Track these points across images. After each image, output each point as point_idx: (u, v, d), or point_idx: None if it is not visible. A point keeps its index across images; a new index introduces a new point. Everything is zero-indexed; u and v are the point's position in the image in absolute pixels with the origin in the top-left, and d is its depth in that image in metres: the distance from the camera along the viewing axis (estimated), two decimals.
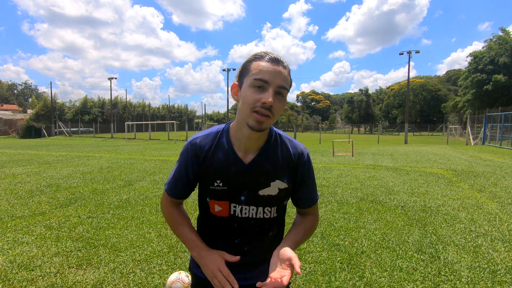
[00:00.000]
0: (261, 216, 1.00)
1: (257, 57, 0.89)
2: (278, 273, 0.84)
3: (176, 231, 1.03)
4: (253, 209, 0.99)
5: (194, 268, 1.08)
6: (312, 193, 1.05)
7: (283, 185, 0.98)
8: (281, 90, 0.87)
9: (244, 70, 0.90)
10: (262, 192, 0.97)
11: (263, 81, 0.85)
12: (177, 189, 1.02)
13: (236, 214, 0.99)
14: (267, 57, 0.88)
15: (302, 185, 1.02)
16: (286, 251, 0.88)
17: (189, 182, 1.01)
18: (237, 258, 0.95)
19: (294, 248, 0.94)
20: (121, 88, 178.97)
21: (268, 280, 0.83)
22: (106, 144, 20.71)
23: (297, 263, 0.84)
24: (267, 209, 1.00)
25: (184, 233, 1.01)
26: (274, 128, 1.03)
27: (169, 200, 1.05)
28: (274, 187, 0.98)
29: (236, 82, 0.94)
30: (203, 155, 0.97)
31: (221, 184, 0.96)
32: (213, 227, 1.04)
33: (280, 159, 0.98)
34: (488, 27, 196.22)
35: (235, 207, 0.98)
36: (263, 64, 0.86)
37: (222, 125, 1.02)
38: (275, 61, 0.87)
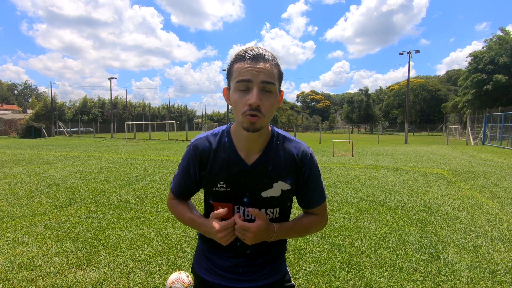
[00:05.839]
0: None
1: (238, 58, 0.87)
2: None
3: (184, 220, 1.03)
4: None
5: (197, 270, 1.08)
6: (317, 194, 1.03)
7: (286, 186, 0.97)
8: (267, 86, 0.84)
9: (229, 74, 0.90)
10: (265, 194, 0.96)
11: (245, 82, 0.83)
12: (180, 189, 1.06)
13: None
14: (247, 55, 0.85)
15: (307, 186, 1.01)
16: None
17: (192, 184, 1.03)
18: (225, 210, 0.93)
19: (278, 227, 0.96)
20: (121, 88, 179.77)
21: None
22: (106, 144, 20.71)
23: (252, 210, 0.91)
24: (270, 210, 0.99)
25: (190, 217, 1.01)
26: (276, 129, 1.01)
27: (173, 198, 1.10)
28: (277, 189, 0.96)
29: (226, 86, 0.94)
30: (205, 157, 0.97)
31: (224, 186, 0.96)
32: None
33: (283, 160, 0.96)
34: (486, 27, 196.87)
35: (238, 209, 0.98)
36: (243, 64, 0.84)
37: (224, 126, 1.01)
38: (254, 58, 0.84)
